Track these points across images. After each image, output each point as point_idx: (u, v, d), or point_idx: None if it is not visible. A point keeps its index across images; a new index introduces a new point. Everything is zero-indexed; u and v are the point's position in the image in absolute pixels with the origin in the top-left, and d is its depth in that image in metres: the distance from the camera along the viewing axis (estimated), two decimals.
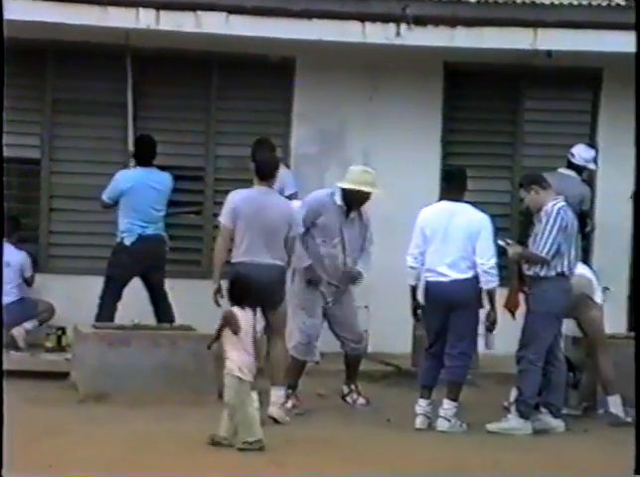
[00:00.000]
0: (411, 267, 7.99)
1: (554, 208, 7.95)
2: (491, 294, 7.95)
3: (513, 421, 7.89)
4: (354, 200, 8.40)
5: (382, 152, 10.39)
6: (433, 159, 10.49)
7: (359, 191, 8.35)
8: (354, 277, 8.49)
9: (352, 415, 8.28)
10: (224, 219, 8.04)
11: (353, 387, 8.58)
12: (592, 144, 10.40)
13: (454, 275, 7.88)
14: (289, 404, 8.23)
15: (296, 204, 8.76)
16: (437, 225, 7.95)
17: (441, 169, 8.35)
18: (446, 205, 8.06)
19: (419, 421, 7.89)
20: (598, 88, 10.67)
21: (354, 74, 10.47)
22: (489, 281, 7.89)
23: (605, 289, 9.61)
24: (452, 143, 10.71)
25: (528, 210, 8.48)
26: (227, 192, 8.44)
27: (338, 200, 8.41)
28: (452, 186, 8.17)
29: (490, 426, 7.90)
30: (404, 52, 10.00)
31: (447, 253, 7.89)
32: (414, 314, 8.11)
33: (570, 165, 10.05)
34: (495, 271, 7.91)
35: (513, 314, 8.43)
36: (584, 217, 10.04)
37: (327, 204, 8.42)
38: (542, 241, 7.89)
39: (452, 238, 7.91)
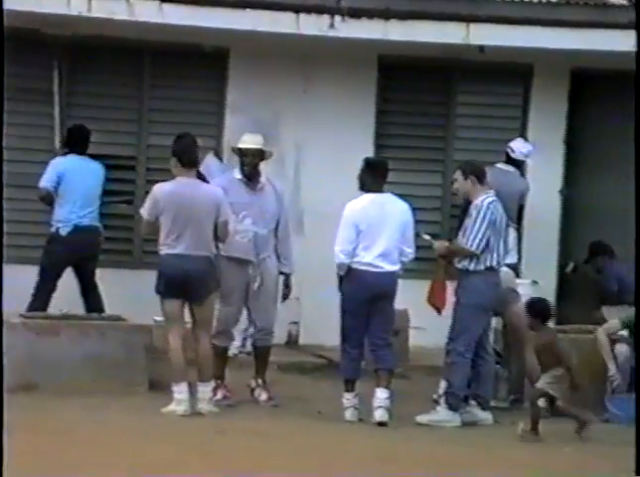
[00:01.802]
0: (343, 263, 7.93)
1: (483, 202, 7.99)
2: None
3: (442, 413, 7.95)
4: (250, 163, 8.31)
5: (315, 144, 10.39)
6: (366, 152, 10.44)
7: (253, 149, 8.30)
8: (286, 289, 8.44)
9: (283, 407, 8.27)
10: (145, 212, 8.00)
11: (260, 381, 8.41)
12: (527, 139, 10.48)
13: (387, 267, 7.91)
14: (219, 396, 8.19)
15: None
16: (371, 217, 7.94)
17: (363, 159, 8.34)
18: (375, 197, 8.02)
19: (350, 414, 7.89)
20: (529, 84, 10.77)
21: (288, 65, 10.45)
22: (401, 269, 8.01)
23: (534, 283, 9.75)
24: (385, 136, 10.74)
25: (464, 204, 8.51)
26: (158, 182, 8.37)
27: (237, 174, 8.39)
28: (378, 177, 8.11)
29: (419, 418, 7.94)
30: (338, 44, 10.00)
31: (381, 244, 7.90)
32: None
33: (509, 159, 10.14)
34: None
35: (439, 311, 8.40)
36: (521, 210, 10.15)
37: (229, 182, 8.41)
38: (471, 236, 7.94)
39: (385, 230, 7.92)
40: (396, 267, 7.96)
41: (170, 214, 7.87)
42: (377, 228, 7.91)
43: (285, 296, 8.53)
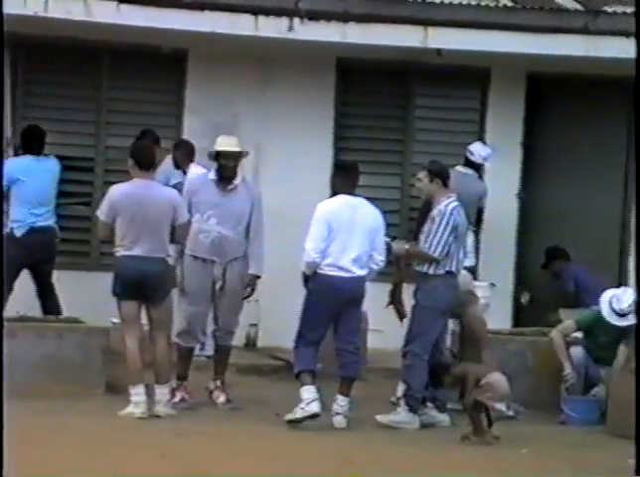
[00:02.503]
0: (314, 262, 7.84)
1: (447, 208, 7.98)
2: None
3: (402, 415, 7.96)
4: (221, 166, 8.29)
5: (274, 146, 10.40)
6: (325, 154, 10.53)
7: (231, 152, 8.27)
8: (251, 288, 8.39)
9: (241, 410, 8.27)
10: (102, 214, 7.96)
11: (219, 383, 8.37)
12: (485, 142, 10.55)
13: (357, 272, 7.88)
14: (178, 398, 8.17)
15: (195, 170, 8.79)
16: (343, 219, 7.87)
17: (333, 163, 8.38)
18: (348, 199, 7.99)
19: (318, 406, 7.75)
20: (486, 87, 10.83)
21: (247, 67, 10.46)
22: (372, 275, 7.99)
23: (491, 285, 9.82)
24: (344, 138, 10.77)
25: (424, 206, 8.53)
26: (116, 183, 8.34)
27: (212, 175, 8.37)
28: (350, 180, 8.09)
29: (380, 418, 7.96)
30: (297, 46, 10.02)
31: (352, 248, 7.86)
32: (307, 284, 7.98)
33: (468, 162, 10.20)
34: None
35: (400, 315, 8.38)
36: (480, 214, 10.22)
37: (201, 181, 8.42)
38: (434, 241, 7.92)
39: (357, 234, 7.88)
40: (364, 272, 7.91)
41: (126, 215, 7.84)
42: (348, 230, 7.86)
43: (246, 296, 8.49)
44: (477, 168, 10.25)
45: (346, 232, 7.86)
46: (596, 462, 6.92)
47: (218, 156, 8.33)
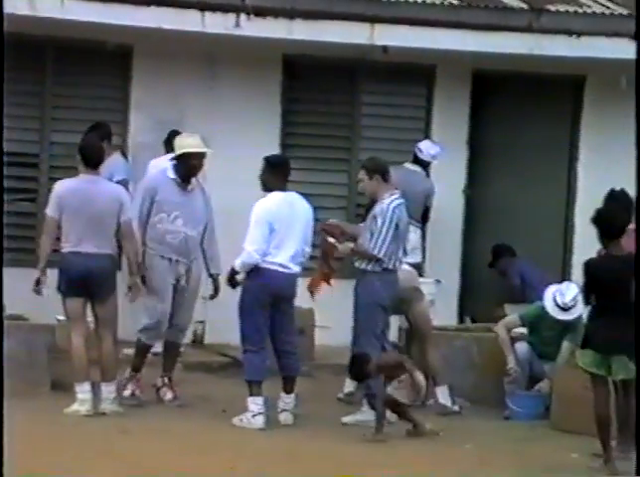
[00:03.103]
0: (255, 263, 7.80)
1: (389, 206, 7.99)
2: None
3: (367, 414, 7.94)
4: (190, 167, 8.26)
5: (221, 143, 10.33)
6: (272, 150, 10.47)
7: (197, 153, 8.26)
8: (215, 288, 8.41)
9: (188, 407, 8.27)
10: (49, 210, 7.95)
11: (166, 380, 8.37)
12: (434, 140, 10.60)
13: (294, 269, 7.91)
14: (128, 392, 8.16)
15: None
16: (284, 217, 7.88)
17: (263, 158, 8.33)
18: (284, 196, 8.00)
19: (262, 422, 7.72)
20: (432, 85, 10.91)
21: (193, 63, 10.45)
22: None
23: (437, 282, 9.89)
24: (291, 135, 10.80)
25: (369, 204, 8.56)
26: (62, 179, 8.31)
27: (171, 174, 8.33)
28: (282, 175, 8.04)
29: (346, 419, 7.95)
30: (244, 42, 10.02)
31: (291, 245, 7.87)
32: (233, 281, 7.98)
33: (416, 160, 10.27)
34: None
35: (312, 295, 8.31)
36: (428, 211, 10.29)
37: (161, 180, 8.35)
38: (378, 241, 7.93)
39: (295, 230, 7.90)
40: (298, 269, 7.95)
41: (71, 211, 7.82)
42: (287, 227, 7.87)
43: (213, 297, 8.51)
44: (425, 166, 10.33)
45: (285, 229, 7.86)
46: (540, 456, 7.02)
47: (182, 156, 8.27)
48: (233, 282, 7.98)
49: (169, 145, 9.75)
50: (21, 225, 10.27)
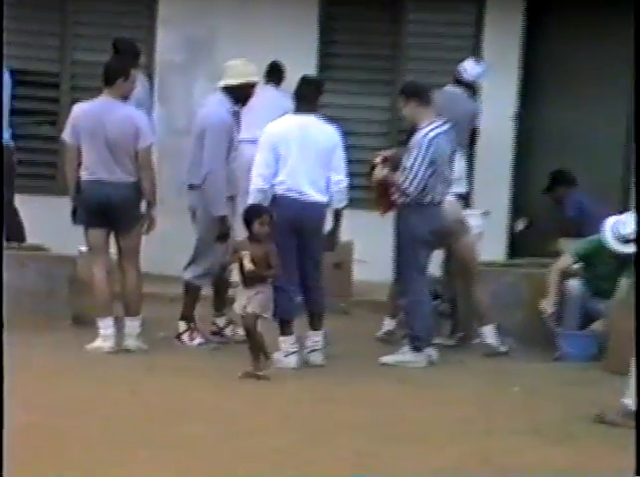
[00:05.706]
0: (261, 189, 7.68)
1: (424, 139, 7.87)
2: (339, 214, 7.89)
3: (408, 355, 7.96)
4: (241, 97, 8.19)
5: (255, 63, 10.32)
6: (309, 72, 10.46)
7: (251, 84, 8.16)
8: None
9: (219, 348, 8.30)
10: (64, 134, 7.93)
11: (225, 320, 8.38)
12: (480, 59, 10.46)
13: (315, 196, 7.71)
14: (196, 342, 8.19)
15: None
16: (291, 141, 7.70)
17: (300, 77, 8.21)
18: (297, 119, 7.81)
19: (295, 361, 7.73)
20: (483, 1, 10.74)
21: None
22: (342, 200, 7.83)
23: (485, 213, 9.80)
24: (330, 55, 10.71)
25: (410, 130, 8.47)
26: (82, 101, 8.30)
27: (230, 107, 8.17)
28: (306, 97, 7.86)
29: (385, 359, 7.97)
30: None
31: (306, 171, 7.70)
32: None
33: (459, 81, 10.14)
34: (346, 190, 7.85)
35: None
36: (474, 134, 10.19)
37: (229, 118, 8.15)
38: (410, 176, 7.85)
39: (310, 155, 7.70)
40: (325, 198, 7.76)
41: (87, 135, 7.79)
42: (299, 152, 7.68)
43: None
44: (469, 87, 10.20)
45: (297, 154, 7.69)
46: (590, 400, 6.99)
47: (244, 85, 8.13)
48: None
49: (274, 75, 9.66)
50: (40, 149, 10.31)
